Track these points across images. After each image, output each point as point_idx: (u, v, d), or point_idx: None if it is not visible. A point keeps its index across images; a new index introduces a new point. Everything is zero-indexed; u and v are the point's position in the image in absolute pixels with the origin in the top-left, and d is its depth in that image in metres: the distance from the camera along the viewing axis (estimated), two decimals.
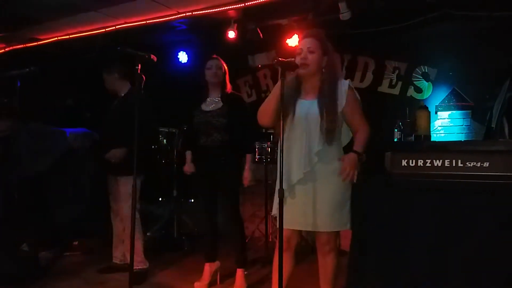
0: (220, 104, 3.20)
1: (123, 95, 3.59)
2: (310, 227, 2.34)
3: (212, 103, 3.24)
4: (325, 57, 2.36)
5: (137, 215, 3.48)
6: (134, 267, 3.42)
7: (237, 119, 3.15)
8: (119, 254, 3.65)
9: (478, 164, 1.67)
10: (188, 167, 3.36)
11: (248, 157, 3.27)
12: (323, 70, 2.37)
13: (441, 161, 1.72)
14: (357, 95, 2.40)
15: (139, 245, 3.46)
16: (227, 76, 3.30)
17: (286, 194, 2.30)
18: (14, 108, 3.01)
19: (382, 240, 2.03)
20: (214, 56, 3.31)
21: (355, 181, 2.23)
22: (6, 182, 3.28)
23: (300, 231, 2.46)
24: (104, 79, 3.63)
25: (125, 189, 3.37)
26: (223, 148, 3.14)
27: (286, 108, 2.28)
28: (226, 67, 3.30)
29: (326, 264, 2.42)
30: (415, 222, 1.81)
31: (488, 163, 1.66)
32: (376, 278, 2.05)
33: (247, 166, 3.23)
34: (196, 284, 3.22)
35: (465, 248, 1.73)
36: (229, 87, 3.32)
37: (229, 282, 3.31)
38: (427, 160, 1.74)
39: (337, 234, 2.44)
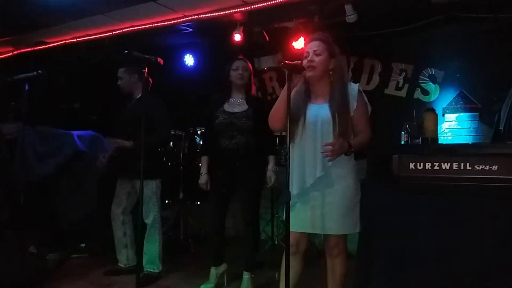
0: (246, 106, 3.15)
1: (139, 96, 3.59)
2: (319, 230, 2.33)
3: (236, 104, 3.18)
4: (332, 59, 2.37)
5: (159, 218, 3.52)
6: (146, 269, 3.46)
7: (262, 122, 3.11)
8: (123, 258, 3.64)
9: (487, 167, 1.66)
10: (205, 181, 3.17)
11: (271, 158, 3.22)
12: (330, 72, 2.37)
13: (449, 164, 1.71)
14: (366, 100, 2.40)
15: (156, 248, 3.48)
16: (252, 78, 3.28)
17: (298, 197, 2.32)
18: (21, 111, 3.03)
19: (389, 243, 2.02)
20: (241, 56, 3.26)
21: (331, 159, 2.21)
22: (13, 184, 3.29)
23: (308, 234, 2.45)
24: (120, 77, 3.59)
25: (145, 190, 3.35)
26: (247, 151, 3.09)
27: (296, 112, 2.29)
28: (252, 69, 3.27)
29: (334, 267, 2.41)
30: (422, 225, 1.80)
31: (496, 166, 1.64)
32: (384, 281, 2.04)
33: (270, 167, 3.18)
34: (202, 286, 3.21)
35: (473, 251, 1.72)
36: (253, 89, 3.30)
37: (235, 284, 3.30)
38: (434, 163, 1.73)
39: (346, 237, 2.43)
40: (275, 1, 4.18)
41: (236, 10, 4.44)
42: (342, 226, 2.32)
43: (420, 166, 1.76)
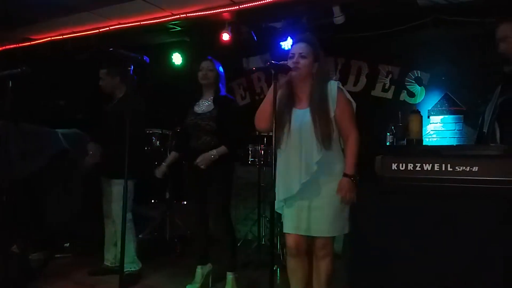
0: (212, 107, 3.17)
1: (120, 97, 3.56)
2: (309, 232, 2.33)
3: (204, 105, 3.22)
4: (316, 63, 2.37)
5: (130, 217, 3.48)
6: (126, 269, 3.43)
7: (227, 122, 3.11)
8: (110, 257, 3.62)
9: (467, 169, 1.68)
10: (159, 171, 3.51)
11: (222, 147, 3.10)
12: (314, 76, 2.38)
13: (430, 165, 1.73)
14: (348, 96, 2.39)
15: (131, 247, 3.45)
16: (220, 78, 3.27)
17: (285, 201, 2.34)
18: (5, 108, 2.99)
19: (374, 243, 2.04)
20: (208, 57, 3.28)
21: (355, 201, 2.23)
22: None
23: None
24: (102, 78, 3.58)
25: (117, 189, 3.35)
26: (211, 149, 3.10)
27: (281, 116, 2.29)
28: (220, 69, 3.28)
29: (320, 268, 2.40)
30: (404, 225, 1.82)
31: (477, 167, 1.67)
32: (369, 281, 2.06)
33: (212, 151, 3.06)
34: (188, 286, 3.20)
35: (455, 250, 1.74)
36: (223, 89, 3.29)
37: (221, 285, 3.29)
38: (417, 164, 1.75)
39: (333, 239, 2.43)
40: (264, 1, 4.19)
41: (225, 9, 4.44)
42: (331, 228, 2.31)
43: (402, 167, 1.78)
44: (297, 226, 2.35)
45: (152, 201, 5.00)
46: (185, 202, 4.98)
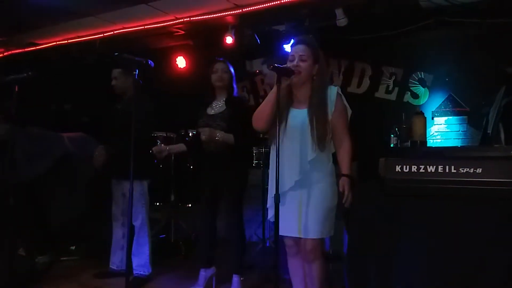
0: (223, 108, 3.17)
1: (129, 96, 3.56)
2: (299, 233, 2.33)
3: (217, 107, 3.21)
4: (316, 65, 2.39)
5: (147, 220, 3.50)
6: (136, 272, 3.44)
7: (239, 122, 3.07)
8: (117, 260, 3.62)
9: (471, 170, 1.68)
10: (159, 149, 3.28)
11: (229, 134, 3.07)
12: (314, 77, 2.39)
13: (434, 167, 1.73)
14: (345, 103, 2.41)
15: (146, 249, 3.47)
16: (233, 79, 3.27)
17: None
18: (11, 112, 3.01)
19: (377, 245, 2.04)
20: (221, 59, 3.28)
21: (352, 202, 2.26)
22: (3, 186, 3.27)
23: None
24: (116, 78, 3.54)
25: (134, 192, 3.32)
26: (225, 152, 3.09)
27: (280, 114, 2.30)
28: (232, 70, 3.28)
29: (311, 272, 2.40)
30: (407, 228, 1.82)
31: (481, 169, 1.67)
32: (373, 283, 2.06)
33: (219, 133, 3.06)
34: None
35: (458, 252, 1.75)
36: (235, 90, 3.29)
37: (225, 287, 3.30)
38: (420, 166, 1.75)
39: (322, 241, 2.43)
40: (267, 5, 4.21)
41: (228, 13, 4.47)
42: (321, 230, 2.32)
43: (406, 169, 1.78)
44: (291, 228, 2.35)
45: (157, 203, 5.02)
46: (189, 205, 4.99)
